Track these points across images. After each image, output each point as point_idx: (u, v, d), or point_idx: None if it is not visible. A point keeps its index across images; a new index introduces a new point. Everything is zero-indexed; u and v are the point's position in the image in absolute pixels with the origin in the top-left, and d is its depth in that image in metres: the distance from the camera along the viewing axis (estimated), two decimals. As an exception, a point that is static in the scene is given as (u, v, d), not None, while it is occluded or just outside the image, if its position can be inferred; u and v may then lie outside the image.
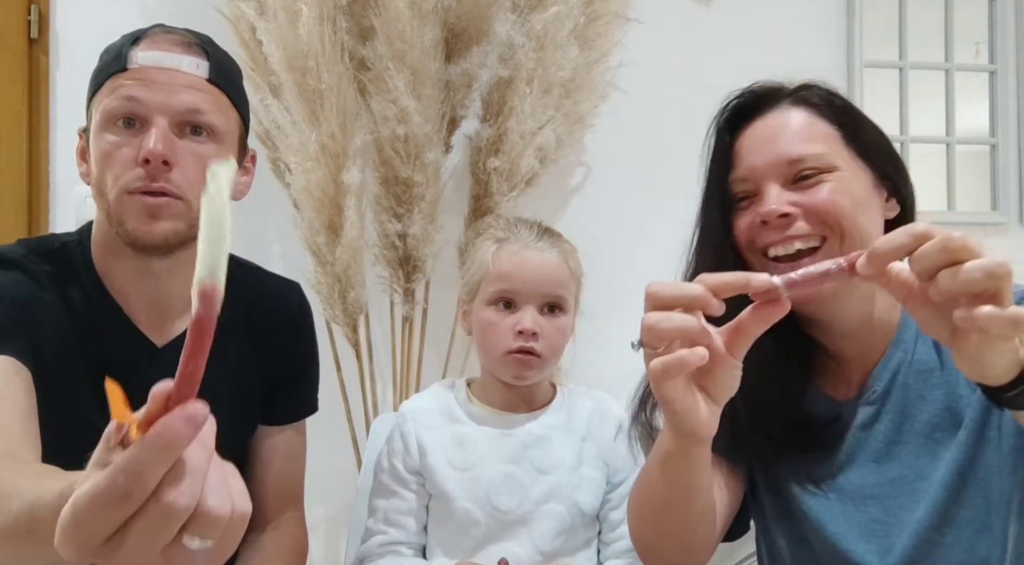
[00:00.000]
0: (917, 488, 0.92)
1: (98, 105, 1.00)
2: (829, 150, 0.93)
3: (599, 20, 1.97)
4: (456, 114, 1.93)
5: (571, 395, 1.26)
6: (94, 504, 0.43)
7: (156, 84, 0.98)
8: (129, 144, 0.98)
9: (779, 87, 1.00)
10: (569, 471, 1.18)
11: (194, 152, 1.00)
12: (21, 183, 2.01)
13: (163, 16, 1.20)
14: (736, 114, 0.99)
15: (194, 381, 0.44)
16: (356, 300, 1.81)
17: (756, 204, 0.94)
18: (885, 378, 0.96)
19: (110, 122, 0.99)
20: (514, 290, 1.16)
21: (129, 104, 0.98)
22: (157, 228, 0.98)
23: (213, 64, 1.02)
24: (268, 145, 1.87)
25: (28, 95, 2.02)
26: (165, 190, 0.98)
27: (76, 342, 1.01)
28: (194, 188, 0.99)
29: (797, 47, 2.29)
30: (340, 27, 1.79)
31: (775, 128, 0.95)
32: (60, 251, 1.06)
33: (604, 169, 2.20)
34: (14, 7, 2.02)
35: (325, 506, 1.95)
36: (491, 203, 1.88)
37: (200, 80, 1.01)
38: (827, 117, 0.96)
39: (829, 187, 0.91)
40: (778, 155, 0.93)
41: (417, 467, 1.19)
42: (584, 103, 1.98)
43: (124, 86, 0.98)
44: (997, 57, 2.49)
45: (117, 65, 1.00)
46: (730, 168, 0.96)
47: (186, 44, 1.02)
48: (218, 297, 0.44)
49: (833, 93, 0.99)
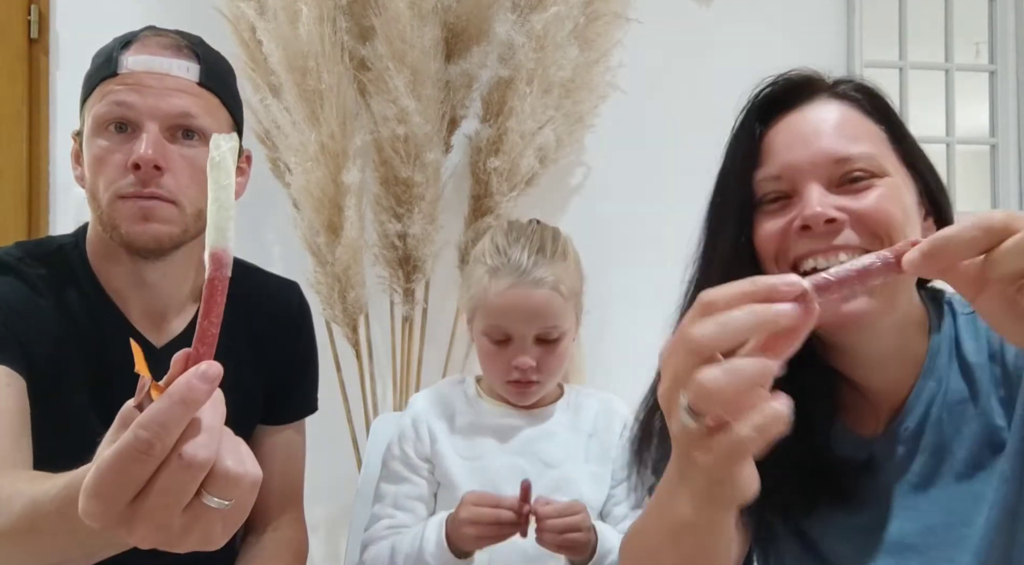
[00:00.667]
0: (963, 535, 0.80)
1: (90, 110, 1.01)
2: (878, 152, 0.82)
3: (599, 20, 1.97)
4: (456, 114, 1.93)
5: (578, 395, 1.27)
6: (118, 460, 0.45)
7: (146, 89, 0.98)
8: (120, 149, 0.98)
9: (817, 77, 0.88)
10: (575, 466, 1.19)
11: (185, 156, 1.00)
12: (21, 183, 2.01)
13: (163, 16, 1.20)
14: (768, 104, 0.86)
15: (210, 338, 0.47)
16: (356, 300, 1.81)
17: (789, 207, 0.81)
18: (918, 412, 0.84)
19: (101, 127, 0.99)
20: (508, 327, 1.16)
21: (120, 109, 0.98)
22: (150, 230, 0.99)
23: (204, 67, 1.02)
24: (268, 145, 1.87)
25: (28, 95, 2.02)
26: (156, 195, 0.98)
27: (75, 345, 1.01)
28: (186, 192, 1.00)
29: (797, 47, 2.28)
30: (340, 27, 1.79)
31: (816, 122, 0.83)
32: (57, 253, 1.06)
33: (604, 169, 2.20)
34: (14, 7, 2.02)
35: (325, 506, 1.94)
36: (491, 203, 1.88)
37: (191, 84, 1.01)
38: (872, 116, 0.85)
39: (880, 193, 0.79)
40: (824, 152, 0.81)
41: (428, 454, 1.21)
42: (584, 103, 1.98)
43: (115, 91, 0.98)
44: (997, 57, 2.49)
45: (108, 70, 1.00)
46: (757, 164, 0.84)
47: (176, 47, 1.02)
48: (228, 259, 0.48)
49: (875, 90, 0.88)
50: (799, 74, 0.87)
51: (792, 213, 0.80)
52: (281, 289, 1.23)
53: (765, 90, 0.87)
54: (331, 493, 1.79)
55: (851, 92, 0.86)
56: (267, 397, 1.19)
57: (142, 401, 0.49)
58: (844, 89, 0.86)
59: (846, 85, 0.87)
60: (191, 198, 1.00)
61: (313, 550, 1.29)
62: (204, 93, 1.02)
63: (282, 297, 1.22)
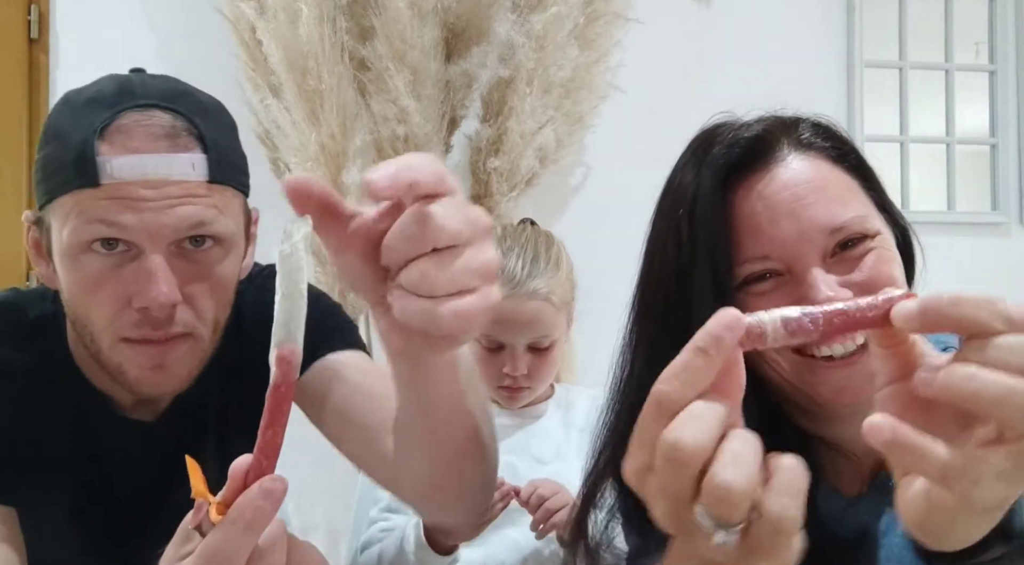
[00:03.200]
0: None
1: (61, 218, 0.76)
2: (865, 210, 0.75)
3: (599, 20, 1.98)
4: (456, 114, 1.93)
5: (569, 392, 1.29)
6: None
7: (142, 204, 0.74)
8: (115, 277, 0.75)
9: (774, 125, 0.78)
10: (567, 462, 1.20)
11: (199, 271, 0.79)
12: (21, 183, 2.01)
13: (164, 16, 1.19)
14: (727, 167, 0.75)
15: (273, 451, 0.43)
16: (356, 300, 1.82)
17: (784, 285, 0.73)
18: None
19: (83, 246, 0.75)
20: (500, 336, 1.18)
21: (109, 230, 0.74)
22: (167, 381, 0.80)
23: (212, 156, 0.77)
24: (268, 145, 1.87)
25: (28, 95, 2.02)
26: (172, 335, 0.78)
27: (67, 447, 0.86)
28: (205, 314, 0.79)
29: (797, 47, 2.29)
30: (340, 27, 1.79)
31: (792, 186, 0.74)
32: (35, 330, 0.87)
33: (604, 169, 2.20)
34: (14, 7, 2.01)
35: (325, 506, 1.94)
36: (491, 203, 1.88)
37: (199, 185, 0.76)
38: (842, 164, 0.77)
39: (876, 256, 0.73)
40: (815, 224, 0.72)
41: None
42: (584, 103, 1.99)
43: (99, 207, 0.74)
44: (997, 57, 2.49)
45: (84, 178, 0.74)
46: (731, 242, 0.74)
47: (172, 135, 0.76)
48: (297, 361, 0.42)
49: (836, 131, 0.79)
50: (758, 129, 0.76)
51: (790, 296, 0.71)
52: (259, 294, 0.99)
53: (722, 154, 0.75)
54: (331, 493, 1.79)
55: (816, 139, 0.77)
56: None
57: (201, 522, 0.44)
58: (808, 137, 0.77)
59: (805, 129, 0.78)
60: (211, 317, 0.81)
61: (313, 550, 1.29)
62: (215, 189, 0.78)
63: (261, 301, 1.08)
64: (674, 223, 0.76)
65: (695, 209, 0.74)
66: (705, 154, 0.76)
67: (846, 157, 0.77)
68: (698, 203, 0.74)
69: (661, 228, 0.79)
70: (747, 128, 0.77)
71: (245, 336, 0.89)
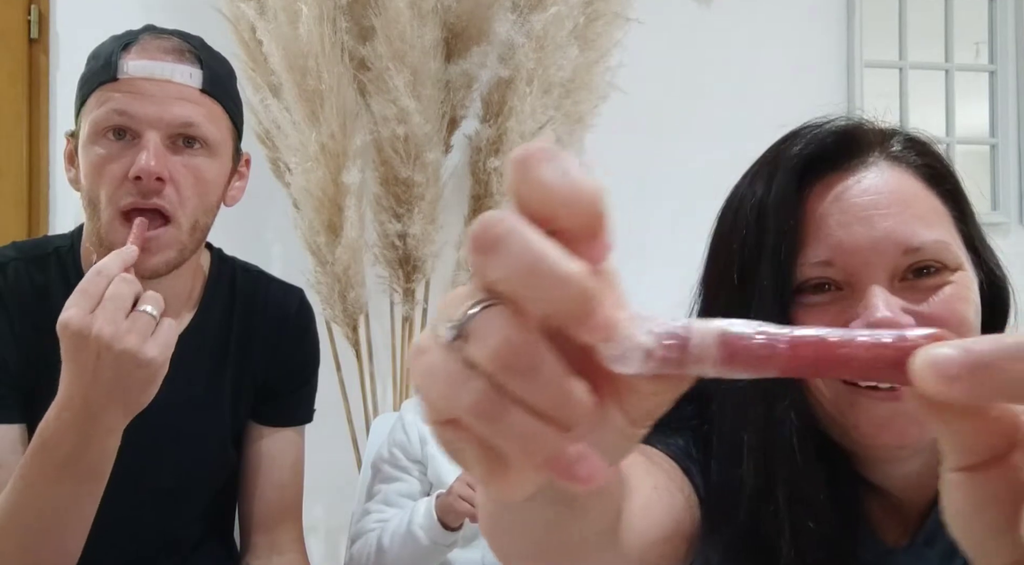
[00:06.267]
0: None
1: (87, 115, 0.98)
2: (951, 239, 0.67)
3: (599, 20, 1.97)
4: (456, 114, 1.93)
5: None
6: None
7: (147, 97, 0.96)
8: (120, 158, 0.95)
9: (866, 129, 0.72)
10: None
11: (187, 166, 0.98)
12: (21, 183, 2.01)
13: (163, 15, 1.20)
14: (807, 162, 0.69)
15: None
16: (356, 300, 1.82)
17: (841, 301, 0.66)
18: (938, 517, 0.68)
19: (99, 134, 0.96)
20: None
21: (120, 118, 0.95)
22: (148, 263, 0.95)
23: (207, 73, 1.00)
24: (268, 145, 1.87)
25: (28, 95, 2.02)
26: (158, 207, 0.96)
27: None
28: (186, 204, 0.98)
29: (797, 47, 2.29)
30: (340, 27, 1.79)
31: (876, 195, 0.67)
32: (53, 257, 1.05)
33: (604, 169, 2.20)
34: (14, 7, 2.02)
35: (325, 506, 1.95)
36: (491, 203, 1.89)
37: (193, 91, 0.98)
38: (935, 188, 0.69)
39: (952, 292, 0.65)
40: (890, 238, 0.65)
41: (419, 456, 1.24)
42: (584, 103, 1.98)
43: (114, 98, 0.96)
44: (997, 57, 2.49)
45: (106, 74, 0.97)
46: (798, 242, 0.67)
47: (178, 52, 0.99)
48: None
49: (934, 150, 0.72)
50: (841, 127, 0.70)
51: (846, 313, 0.65)
52: (284, 295, 1.19)
53: (808, 148, 0.69)
54: (331, 493, 1.79)
55: (910, 155, 0.70)
56: (265, 396, 1.15)
57: None
58: (901, 151, 0.70)
59: (900, 142, 0.71)
60: (190, 210, 0.99)
61: (313, 550, 1.30)
62: (206, 100, 0.99)
63: (283, 303, 1.18)
64: (742, 221, 0.70)
65: (765, 204, 0.68)
66: (781, 157, 0.70)
67: (941, 181, 0.70)
68: (770, 198, 0.68)
69: (727, 227, 0.73)
70: (834, 125, 0.71)
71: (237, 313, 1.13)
